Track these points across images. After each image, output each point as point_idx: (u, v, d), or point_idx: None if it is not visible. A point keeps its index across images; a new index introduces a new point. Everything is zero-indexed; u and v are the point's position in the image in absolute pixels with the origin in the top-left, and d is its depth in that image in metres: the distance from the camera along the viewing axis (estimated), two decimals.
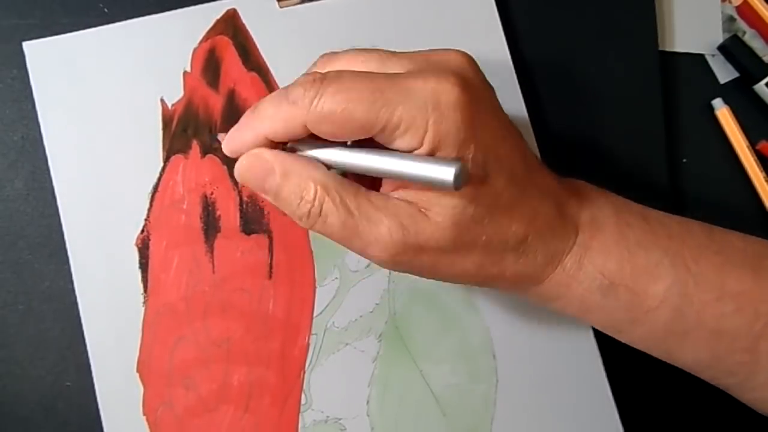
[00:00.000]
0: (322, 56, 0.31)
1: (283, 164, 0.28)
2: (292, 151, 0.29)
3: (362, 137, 0.27)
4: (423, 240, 0.28)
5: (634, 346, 0.33)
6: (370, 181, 0.30)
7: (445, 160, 0.26)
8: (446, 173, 0.25)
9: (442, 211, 0.28)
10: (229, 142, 0.30)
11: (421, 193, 0.28)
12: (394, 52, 0.30)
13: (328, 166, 0.29)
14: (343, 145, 0.29)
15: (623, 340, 0.33)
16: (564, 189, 0.32)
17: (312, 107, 0.27)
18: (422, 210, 0.28)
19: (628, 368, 0.37)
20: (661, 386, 0.39)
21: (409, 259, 0.28)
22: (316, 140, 0.29)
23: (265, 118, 0.28)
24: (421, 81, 0.27)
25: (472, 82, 0.28)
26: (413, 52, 0.30)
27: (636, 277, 0.30)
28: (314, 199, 0.28)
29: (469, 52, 0.30)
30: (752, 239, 0.33)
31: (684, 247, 0.31)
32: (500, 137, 0.29)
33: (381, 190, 0.29)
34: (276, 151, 0.29)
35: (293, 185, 0.28)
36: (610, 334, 0.33)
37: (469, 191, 0.28)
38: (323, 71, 0.28)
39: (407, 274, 0.30)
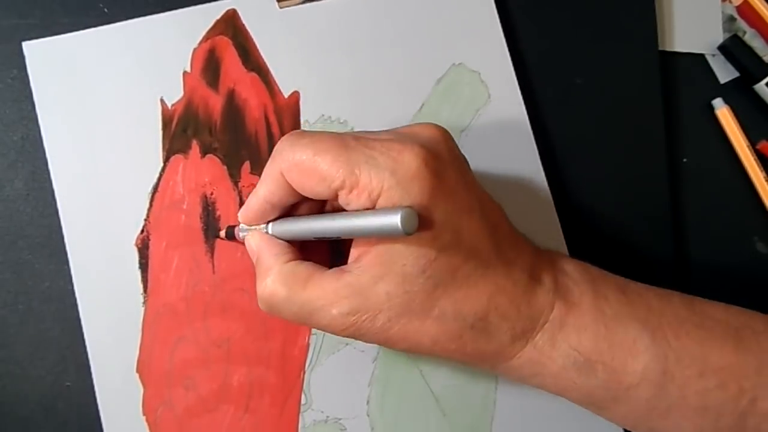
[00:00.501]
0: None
1: (257, 250, 0.32)
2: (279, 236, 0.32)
3: (325, 193, 0.28)
4: (372, 312, 0.28)
5: (618, 425, 0.32)
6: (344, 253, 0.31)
7: (392, 209, 0.26)
8: (392, 219, 0.25)
9: (392, 279, 0.28)
10: (242, 210, 0.32)
11: (374, 262, 0.28)
12: (372, 132, 0.31)
13: (313, 247, 0.32)
14: (308, 215, 0.31)
15: (606, 419, 0.32)
16: (539, 262, 0.32)
17: (286, 155, 0.29)
18: (374, 279, 0.28)
19: None
20: None
21: (361, 332, 0.29)
22: (294, 218, 0.31)
23: (263, 181, 0.31)
24: (385, 146, 0.28)
25: (440, 156, 0.29)
26: (391, 129, 0.31)
27: (614, 354, 0.30)
28: (272, 288, 0.30)
29: (468, 52, 0.30)
30: (734, 310, 0.32)
31: (664, 321, 0.30)
32: (465, 212, 0.29)
33: (350, 258, 0.30)
34: (259, 234, 0.32)
35: (260, 271, 0.31)
36: (592, 411, 0.32)
37: (421, 261, 0.28)
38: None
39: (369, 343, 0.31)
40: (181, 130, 0.37)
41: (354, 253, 0.30)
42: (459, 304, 0.29)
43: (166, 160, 0.37)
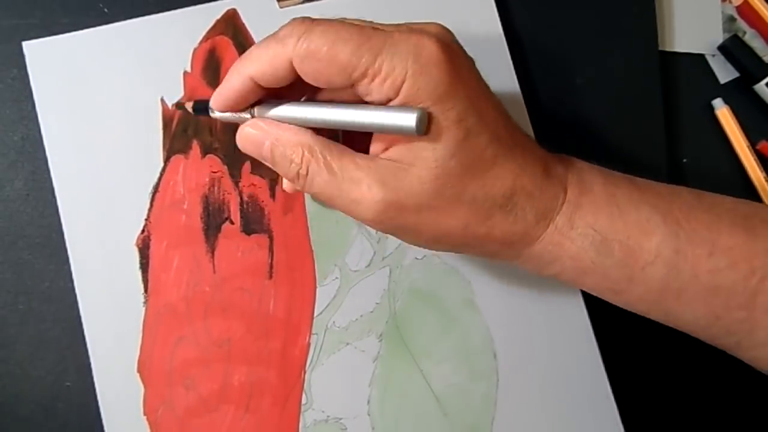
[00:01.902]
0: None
1: (275, 131, 0.30)
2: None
3: (342, 83, 0.28)
4: (404, 195, 0.28)
5: (633, 310, 0.32)
6: (362, 146, 0.30)
7: (407, 108, 0.27)
8: (407, 119, 0.26)
9: (424, 165, 0.28)
10: (217, 91, 0.31)
11: (405, 151, 0.28)
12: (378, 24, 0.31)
13: (322, 131, 0.30)
14: (314, 102, 0.30)
15: (621, 304, 0.32)
16: (548, 154, 0.32)
17: (299, 43, 0.28)
18: (405, 166, 0.28)
19: (628, 367, 0.37)
20: (661, 385, 0.39)
21: (392, 216, 0.29)
22: (290, 103, 0.30)
23: (253, 60, 0.29)
24: (405, 35, 0.28)
25: (453, 46, 0.29)
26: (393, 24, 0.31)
27: (628, 232, 0.30)
28: (301, 161, 0.29)
29: (469, 52, 0.30)
30: (743, 201, 0.33)
31: (674, 206, 0.31)
32: (482, 97, 0.30)
33: (371, 152, 0.30)
34: (269, 121, 0.31)
35: (284, 149, 0.30)
36: (608, 298, 0.33)
37: (450, 145, 0.28)
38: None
39: (395, 237, 0.31)
40: (182, 130, 0.37)
41: (378, 142, 0.30)
42: (488, 185, 0.29)
43: (167, 160, 0.37)
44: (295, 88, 0.30)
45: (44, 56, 0.37)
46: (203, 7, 0.38)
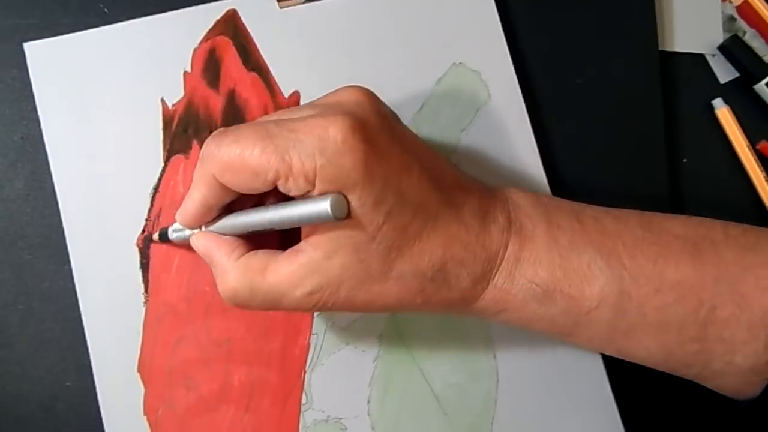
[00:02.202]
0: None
1: (207, 249, 0.32)
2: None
3: (263, 187, 0.28)
4: (330, 282, 0.29)
5: (587, 349, 0.33)
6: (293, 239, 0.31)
7: (322, 197, 0.27)
8: (322, 206, 0.26)
9: (345, 252, 0.28)
10: (180, 220, 0.32)
11: (326, 241, 0.28)
12: (295, 108, 0.31)
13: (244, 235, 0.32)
14: (245, 210, 0.31)
15: (574, 344, 0.33)
16: (490, 201, 0.32)
17: (214, 158, 0.29)
18: (328, 255, 0.28)
19: (628, 368, 0.37)
20: (661, 386, 0.39)
21: (323, 303, 0.29)
22: (232, 214, 0.31)
23: (193, 186, 0.31)
24: (308, 126, 0.27)
25: (366, 120, 0.28)
26: (313, 100, 0.31)
27: (570, 281, 0.30)
28: (231, 292, 0.30)
29: (469, 52, 0.30)
30: (693, 222, 0.32)
31: (619, 243, 0.31)
32: (404, 170, 0.29)
33: (302, 238, 0.30)
34: (203, 236, 0.32)
35: (217, 271, 0.31)
36: (559, 339, 0.33)
37: (370, 230, 0.28)
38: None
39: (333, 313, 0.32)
40: (182, 130, 0.37)
41: (305, 231, 0.30)
42: (415, 260, 0.29)
43: (167, 160, 0.37)
44: (251, 197, 0.31)
45: (45, 57, 0.37)
46: (203, 8, 0.38)
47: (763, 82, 0.42)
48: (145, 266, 0.36)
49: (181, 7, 0.38)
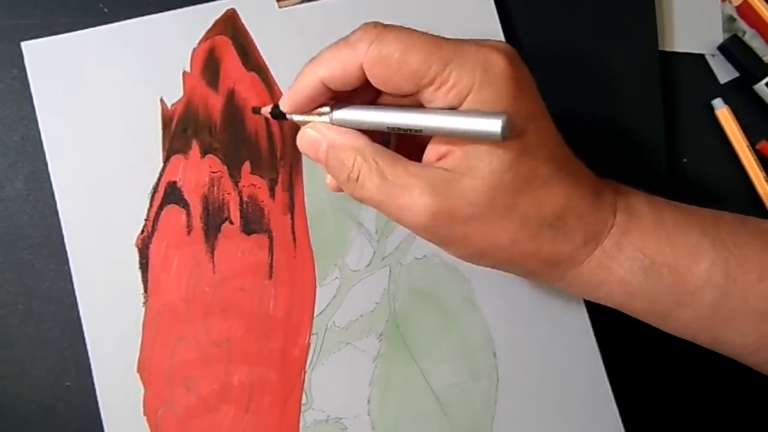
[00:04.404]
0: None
1: (332, 135, 0.31)
2: (341, 125, 0.31)
3: (410, 89, 0.28)
4: (454, 204, 0.28)
5: (679, 335, 0.32)
6: (413, 155, 0.30)
7: (491, 113, 0.27)
8: (493, 124, 0.26)
9: (478, 175, 0.28)
10: (287, 94, 0.31)
11: (460, 160, 0.28)
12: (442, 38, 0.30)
13: (374, 136, 0.30)
14: (387, 106, 0.30)
15: (668, 329, 0.32)
16: (597, 178, 0.32)
17: (371, 48, 0.28)
18: (457, 176, 0.28)
19: (627, 367, 0.37)
20: (661, 385, 0.39)
21: (440, 225, 0.29)
22: (361, 107, 0.30)
23: (323, 63, 0.30)
24: (474, 47, 0.28)
25: (519, 63, 0.29)
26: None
27: (677, 257, 0.30)
28: (353, 165, 0.30)
29: None
30: None
31: (722, 230, 0.31)
32: (542, 116, 0.30)
33: (423, 160, 0.30)
34: (327, 125, 0.31)
35: (337, 153, 0.30)
36: (655, 323, 0.32)
37: (507, 158, 0.28)
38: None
39: (441, 248, 0.31)
40: (181, 130, 0.37)
41: (433, 151, 0.29)
42: (539, 202, 0.29)
43: (167, 159, 0.37)
44: (360, 92, 0.31)
45: (43, 56, 0.37)
46: (202, 7, 0.38)
47: (763, 82, 0.42)
48: (144, 266, 0.36)
49: (180, 6, 0.38)
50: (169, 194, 0.36)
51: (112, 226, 0.36)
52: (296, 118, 0.32)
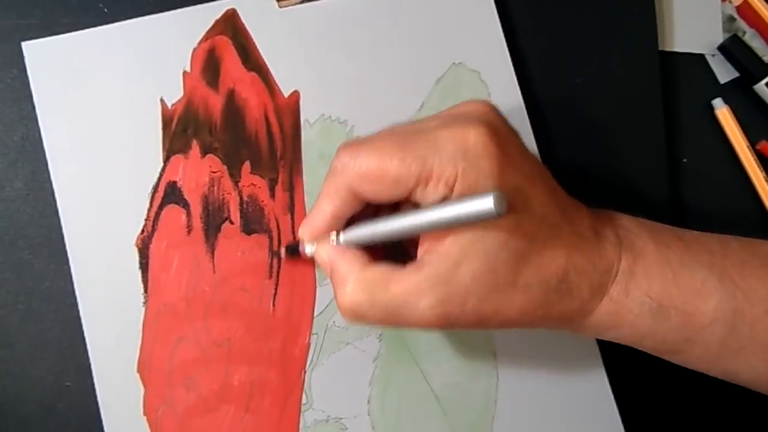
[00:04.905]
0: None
1: (332, 262, 0.31)
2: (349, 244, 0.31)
3: (401, 195, 0.28)
4: (457, 297, 0.28)
5: (691, 368, 0.33)
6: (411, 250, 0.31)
7: (480, 194, 0.26)
8: (486, 204, 0.26)
9: (475, 259, 0.28)
10: (307, 234, 0.32)
11: (454, 248, 0.28)
12: (419, 120, 0.31)
13: (374, 249, 0.31)
14: (382, 218, 0.30)
15: (679, 363, 0.33)
16: (598, 219, 0.32)
17: (349, 171, 0.29)
18: (455, 265, 0.28)
19: (628, 367, 0.37)
20: (661, 386, 0.39)
21: (452, 320, 0.29)
22: (364, 224, 0.31)
23: (324, 198, 0.31)
24: (448, 131, 0.28)
25: (498, 129, 0.29)
26: (436, 113, 0.31)
27: (684, 298, 0.30)
28: (352, 303, 0.30)
29: (469, 53, 0.30)
30: None
31: (727, 263, 0.31)
32: (531, 179, 0.29)
33: (418, 256, 0.30)
34: (332, 247, 0.31)
35: (338, 281, 0.30)
36: (665, 357, 0.33)
37: (501, 236, 0.28)
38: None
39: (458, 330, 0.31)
40: (181, 130, 0.37)
41: (425, 245, 0.29)
42: (541, 269, 0.29)
43: (167, 159, 0.37)
44: (370, 205, 0.31)
45: (44, 56, 0.37)
46: (202, 7, 0.38)
47: (763, 82, 0.42)
48: (144, 266, 0.36)
49: (180, 6, 0.38)
50: (169, 194, 0.36)
51: (112, 226, 0.36)
52: (308, 250, 0.33)
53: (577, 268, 0.30)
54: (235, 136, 0.37)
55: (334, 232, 0.32)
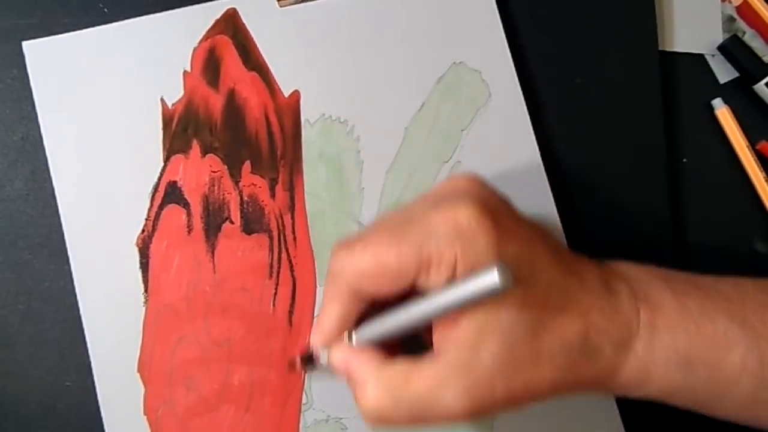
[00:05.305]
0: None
1: (347, 365, 0.30)
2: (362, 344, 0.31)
3: (403, 286, 0.28)
4: (483, 382, 0.27)
5: (722, 419, 0.32)
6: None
7: (483, 271, 0.26)
8: (490, 279, 0.25)
9: (493, 340, 0.27)
10: (318, 341, 0.31)
11: (470, 333, 0.27)
12: (406, 205, 0.30)
13: (389, 342, 0.30)
14: (392, 311, 0.29)
15: (710, 415, 0.32)
16: (607, 272, 0.31)
17: (347, 272, 0.28)
18: (473, 350, 0.27)
19: None
20: None
21: (484, 407, 0.28)
22: (375, 320, 0.30)
23: (328, 302, 0.30)
24: (438, 214, 0.27)
25: (488, 201, 0.28)
26: (422, 194, 0.31)
27: (709, 349, 0.29)
28: (375, 406, 0.28)
29: (469, 53, 0.30)
30: None
31: (747, 310, 0.30)
32: (529, 245, 0.29)
33: (434, 346, 0.29)
34: (347, 348, 0.31)
35: (357, 385, 0.29)
36: (696, 410, 0.32)
37: (512, 310, 0.27)
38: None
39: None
40: (182, 130, 0.37)
41: (438, 331, 0.29)
42: (561, 334, 0.28)
43: (167, 159, 0.37)
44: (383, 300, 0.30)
45: (44, 56, 0.37)
46: (203, 7, 0.38)
47: (763, 82, 0.42)
48: (144, 266, 0.36)
49: (180, 6, 0.38)
50: (169, 194, 0.36)
51: (113, 226, 0.36)
52: (324, 359, 0.32)
53: (595, 326, 0.29)
54: (235, 135, 0.37)
55: (346, 333, 0.31)
